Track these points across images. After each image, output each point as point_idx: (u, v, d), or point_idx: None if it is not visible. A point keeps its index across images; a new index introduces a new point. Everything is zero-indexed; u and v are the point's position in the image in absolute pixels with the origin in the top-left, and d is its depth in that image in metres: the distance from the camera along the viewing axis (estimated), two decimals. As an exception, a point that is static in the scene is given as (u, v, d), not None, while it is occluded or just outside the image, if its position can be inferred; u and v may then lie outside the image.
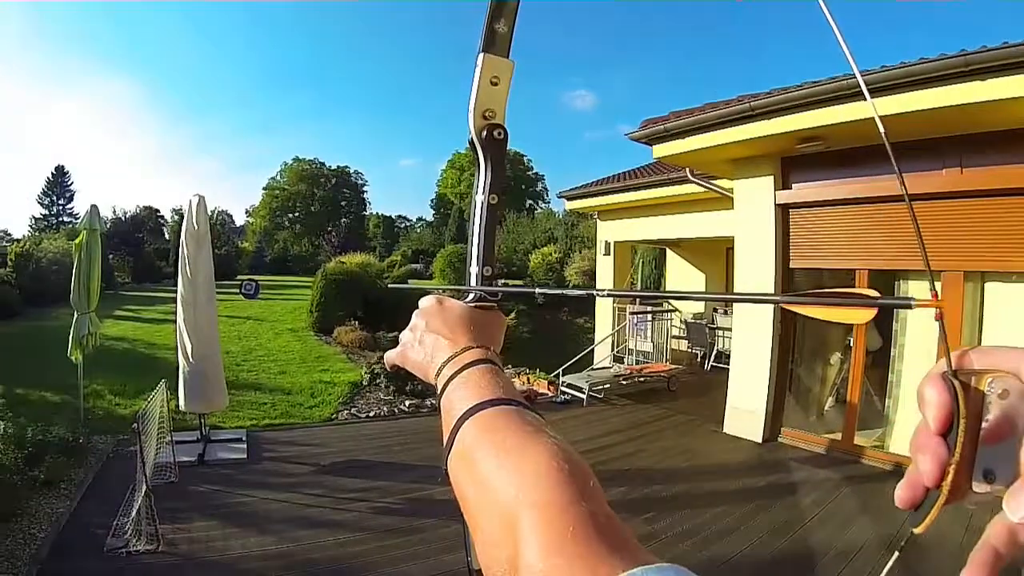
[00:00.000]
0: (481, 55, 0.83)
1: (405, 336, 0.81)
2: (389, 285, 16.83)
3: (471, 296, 0.84)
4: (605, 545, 0.43)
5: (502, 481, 0.53)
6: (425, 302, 0.82)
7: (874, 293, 0.51)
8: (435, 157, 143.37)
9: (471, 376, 0.68)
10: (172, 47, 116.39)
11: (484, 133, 0.85)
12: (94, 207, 7.91)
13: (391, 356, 0.83)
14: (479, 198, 0.87)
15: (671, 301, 15.67)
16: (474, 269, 0.86)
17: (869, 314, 0.52)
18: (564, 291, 0.83)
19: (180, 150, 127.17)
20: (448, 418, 0.65)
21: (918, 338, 6.91)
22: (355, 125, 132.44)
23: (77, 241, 7.68)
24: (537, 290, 0.87)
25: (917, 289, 6.90)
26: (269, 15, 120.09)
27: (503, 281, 0.86)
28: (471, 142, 0.86)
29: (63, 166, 58.46)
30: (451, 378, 0.69)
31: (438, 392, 0.71)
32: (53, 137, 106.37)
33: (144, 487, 4.65)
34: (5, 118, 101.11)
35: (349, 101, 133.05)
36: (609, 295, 0.75)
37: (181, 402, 6.96)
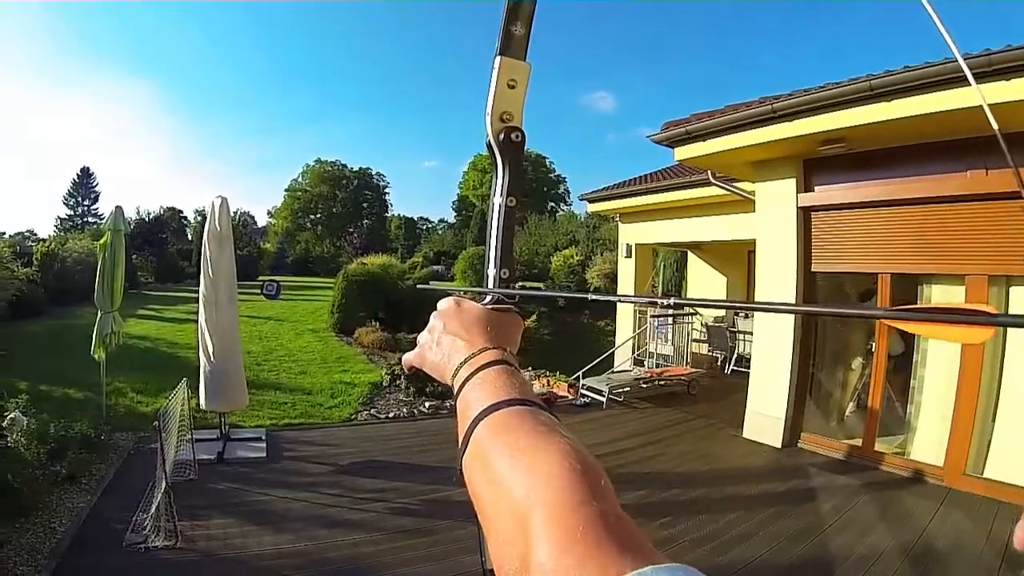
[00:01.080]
0: (498, 58, 0.83)
1: (423, 337, 0.82)
2: (417, 286, 16.94)
3: (489, 298, 0.84)
4: (615, 545, 0.43)
5: (514, 481, 0.53)
6: (443, 304, 0.82)
7: (991, 309, 0.46)
8: (457, 159, 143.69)
9: (487, 377, 0.68)
10: (188, 49, 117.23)
11: (502, 136, 0.86)
12: (119, 208, 7.99)
13: (409, 358, 0.84)
14: (497, 200, 0.87)
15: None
16: (491, 271, 0.86)
17: (986, 334, 0.48)
18: (606, 296, 0.82)
19: (200, 150, 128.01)
20: (463, 419, 0.65)
21: (941, 343, 6.82)
22: (376, 126, 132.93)
23: (102, 241, 7.76)
24: (558, 293, 0.87)
25: (940, 293, 6.84)
26: (291, 15, 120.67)
27: (520, 284, 0.86)
28: (489, 145, 0.87)
29: (88, 167, 59.35)
30: (467, 379, 0.69)
31: (455, 393, 0.71)
32: (75, 139, 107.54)
33: (164, 484, 4.71)
34: (27, 120, 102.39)
35: (371, 102, 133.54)
36: (679, 303, 0.71)
37: (202, 401, 7.02)
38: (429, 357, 0.79)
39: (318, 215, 73.21)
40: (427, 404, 9.73)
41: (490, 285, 0.85)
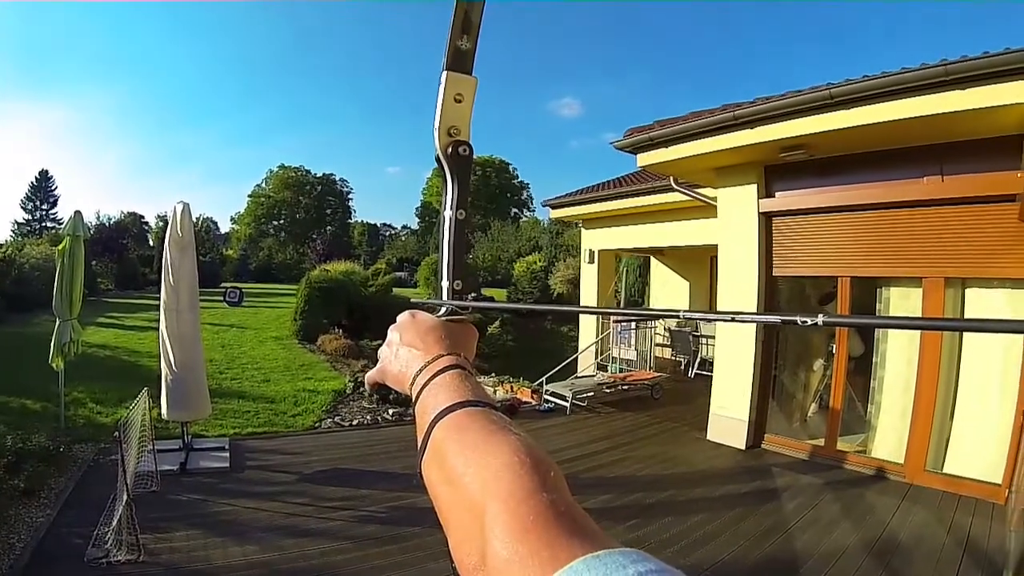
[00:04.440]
0: (445, 73, 0.85)
1: (382, 352, 0.84)
2: (412, 302, 17.00)
3: (443, 310, 0.86)
4: (566, 531, 0.45)
5: (468, 477, 0.55)
6: (400, 317, 0.84)
7: None
8: (421, 165, 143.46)
9: (443, 382, 0.70)
10: (155, 55, 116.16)
11: (449, 150, 0.87)
12: (78, 213, 7.84)
13: (371, 375, 0.85)
14: (447, 213, 0.89)
15: (655, 309, 15.73)
16: (445, 283, 0.88)
17: None
18: (521, 307, 0.83)
19: (164, 156, 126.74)
20: (422, 423, 0.67)
21: (900, 345, 6.97)
22: (340, 133, 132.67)
23: (60, 247, 7.62)
24: (513, 305, 0.88)
25: (899, 296, 6.98)
26: (250, 22, 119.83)
27: (472, 295, 0.89)
28: (437, 158, 0.89)
29: (47, 171, 58.04)
30: (424, 385, 0.71)
31: (413, 400, 0.73)
32: (35, 142, 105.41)
33: (125, 496, 4.62)
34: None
35: (336, 109, 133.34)
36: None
37: (163, 410, 6.88)
38: (389, 369, 0.81)
39: (281, 221, 72.58)
40: (391, 411, 9.67)
41: (444, 296, 0.87)
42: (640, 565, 0.39)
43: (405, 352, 0.79)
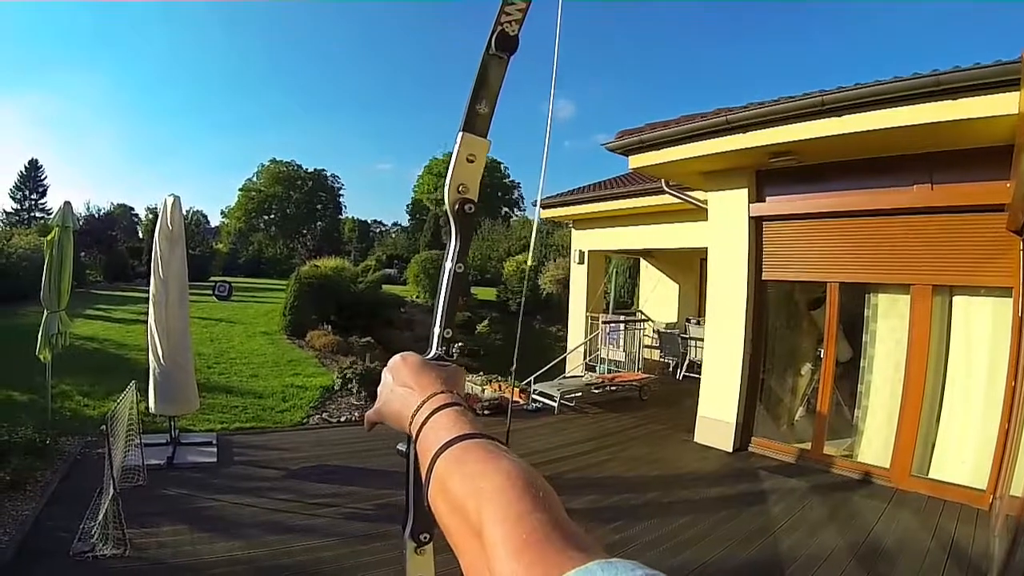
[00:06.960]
0: (461, 134, 0.90)
1: (380, 392, 0.87)
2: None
3: (431, 353, 0.92)
4: (559, 547, 0.47)
5: (468, 504, 0.58)
6: (391, 361, 0.88)
7: None
8: (412, 162, 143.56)
9: (440, 419, 0.73)
10: (147, 44, 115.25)
11: (456, 206, 0.92)
12: (67, 203, 7.77)
13: (369, 415, 0.89)
14: (448, 265, 0.94)
15: (643, 310, 15.78)
16: (436, 330, 0.93)
17: None
18: None
19: (155, 148, 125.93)
20: (424, 460, 0.70)
21: (887, 350, 7.02)
22: (332, 128, 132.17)
23: (49, 238, 7.56)
24: None
25: (887, 302, 7.02)
26: (245, 14, 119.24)
27: (459, 344, 0.94)
28: (446, 212, 0.93)
29: (36, 160, 57.68)
30: (423, 423, 0.74)
31: (414, 438, 0.76)
32: (24, 130, 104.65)
33: (112, 490, 4.61)
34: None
35: (328, 104, 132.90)
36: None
37: (151, 404, 6.87)
38: (386, 410, 0.84)
39: (272, 216, 72.03)
40: (380, 409, 9.65)
41: (434, 343, 0.93)
42: (639, 571, 0.41)
43: (401, 392, 0.82)
